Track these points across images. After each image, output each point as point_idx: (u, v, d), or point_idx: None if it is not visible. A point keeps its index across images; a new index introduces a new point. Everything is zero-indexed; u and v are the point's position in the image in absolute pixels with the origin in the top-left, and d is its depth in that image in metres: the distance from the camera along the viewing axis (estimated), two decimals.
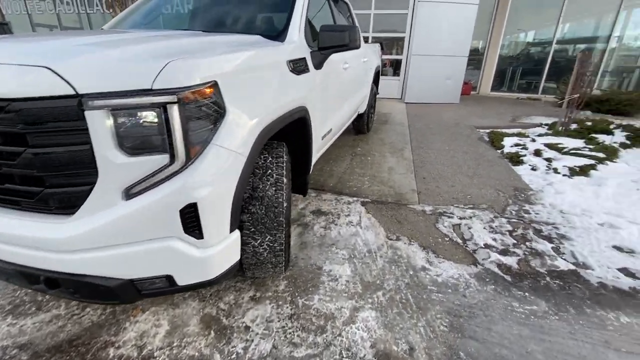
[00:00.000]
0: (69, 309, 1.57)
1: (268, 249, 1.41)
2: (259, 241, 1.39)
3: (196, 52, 1.15)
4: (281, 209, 1.38)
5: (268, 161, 1.44)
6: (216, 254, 1.15)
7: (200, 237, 1.09)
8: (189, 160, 1.02)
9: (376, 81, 4.83)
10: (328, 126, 2.36)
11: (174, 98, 0.94)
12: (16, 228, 1.03)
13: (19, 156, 0.95)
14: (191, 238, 1.08)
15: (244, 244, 1.40)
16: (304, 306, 1.57)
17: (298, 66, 1.68)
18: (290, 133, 1.78)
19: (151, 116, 0.95)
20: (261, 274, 1.56)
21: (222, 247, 1.17)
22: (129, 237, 1.03)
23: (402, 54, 7.88)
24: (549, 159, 3.68)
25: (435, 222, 2.39)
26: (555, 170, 3.37)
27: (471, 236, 2.22)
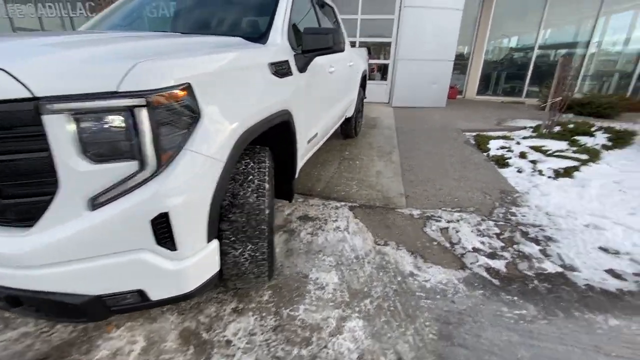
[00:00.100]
0: (37, 326, 1.46)
1: (250, 258, 1.35)
2: (239, 251, 1.32)
3: (170, 54, 1.09)
4: (263, 217, 1.33)
5: (249, 167, 1.39)
6: (192, 266, 1.08)
7: (174, 248, 1.02)
8: (160, 167, 0.95)
9: (363, 85, 4.83)
10: (314, 130, 2.32)
11: (142, 101, 0.88)
12: None
13: None
14: (164, 250, 1.01)
15: (223, 253, 1.33)
16: (289, 317, 1.51)
17: (281, 69, 1.64)
18: (274, 137, 1.74)
19: (117, 120, 0.88)
20: (243, 285, 1.49)
21: (198, 258, 1.10)
22: (95, 250, 0.95)
23: (389, 58, 7.94)
24: (534, 161, 3.72)
25: (423, 226, 2.36)
26: (540, 173, 3.41)
27: (459, 240, 2.20)
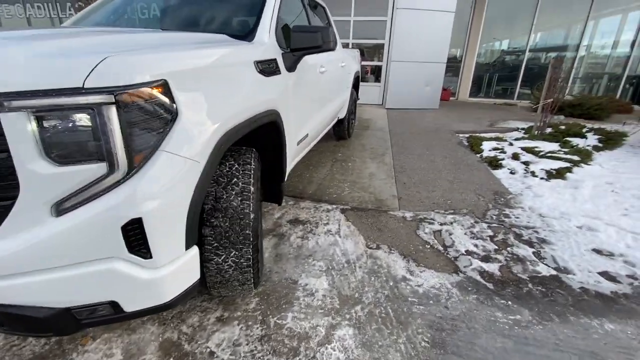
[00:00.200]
0: (7, 339, 1.38)
1: (234, 265, 1.28)
2: (222, 257, 1.26)
3: (146, 49, 1.03)
4: (247, 221, 1.26)
5: (234, 169, 1.33)
6: (169, 274, 1.02)
7: (148, 256, 0.95)
8: (132, 169, 0.89)
9: (356, 87, 4.79)
10: (304, 131, 2.26)
11: (110, 98, 0.82)
12: None
13: None
14: (137, 258, 0.94)
15: (206, 260, 1.26)
16: (276, 326, 1.44)
17: (267, 67, 1.58)
18: (261, 138, 1.68)
19: (83, 119, 0.82)
20: (228, 293, 1.42)
21: (176, 266, 1.04)
22: (61, 260, 0.88)
23: (382, 60, 7.94)
24: (526, 163, 3.71)
25: (416, 229, 2.32)
26: (533, 174, 3.40)
27: (452, 243, 2.16)
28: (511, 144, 4.49)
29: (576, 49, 8.97)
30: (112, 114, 0.83)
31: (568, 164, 3.60)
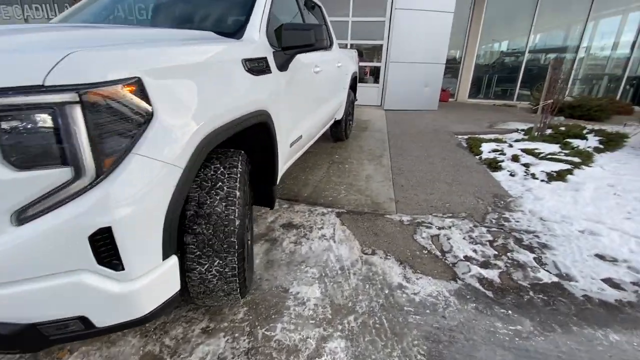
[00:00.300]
0: None
1: (218, 275, 1.21)
2: (206, 266, 1.19)
3: (121, 44, 0.96)
4: (232, 228, 1.19)
5: (219, 172, 1.26)
6: (144, 287, 0.94)
7: (120, 268, 0.88)
8: (101, 174, 0.82)
9: (354, 87, 4.73)
10: (297, 133, 2.20)
11: (74, 97, 0.75)
12: None
13: None
14: (108, 270, 0.87)
15: (189, 269, 1.19)
16: (264, 338, 1.37)
17: (257, 66, 1.51)
18: (250, 139, 1.61)
19: (46, 120, 0.75)
20: (213, 303, 1.35)
21: (152, 278, 0.96)
22: (23, 272, 0.81)
23: (381, 61, 7.88)
24: (526, 165, 3.65)
25: (413, 233, 2.25)
26: (533, 176, 3.33)
27: (450, 248, 2.09)
28: (511, 146, 4.42)
29: (576, 50, 8.93)
30: (77, 114, 0.76)
31: (569, 166, 3.54)
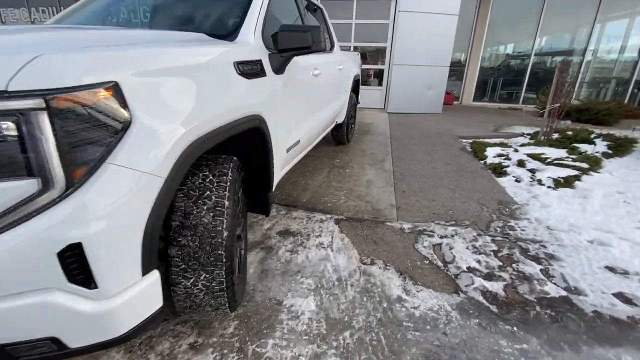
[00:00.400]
0: None
1: (204, 289, 1.15)
2: (191, 280, 1.12)
3: (99, 46, 0.90)
4: (220, 240, 1.13)
5: (207, 181, 1.19)
6: (121, 305, 0.88)
7: (93, 286, 0.82)
8: (71, 186, 0.76)
9: (356, 90, 4.67)
10: (295, 137, 2.13)
11: (40, 103, 0.69)
12: None
13: None
14: (79, 288, 0.81)
15: (173, 283, 1.13)
16: (255, 355, 1.30)
17: (250, 69, 1.45)
18: (244, 145, 1.55)
19: (9, 127, 0.69)
20: (201, 317, 1.29)
21: (130, 295, 0.90)
22: None
23: (384, 64, 7.82)
24: (532, 170, 3.55)
25: (414, 242, 2.17)
26: (540, 182, 3.23)
27: (453, 258, 2.00)
28: (516, 150, 4.32)
29: (583, 53, 8.80)
30: (44, 121, 0.70)
31: (576, 172, 3.43)
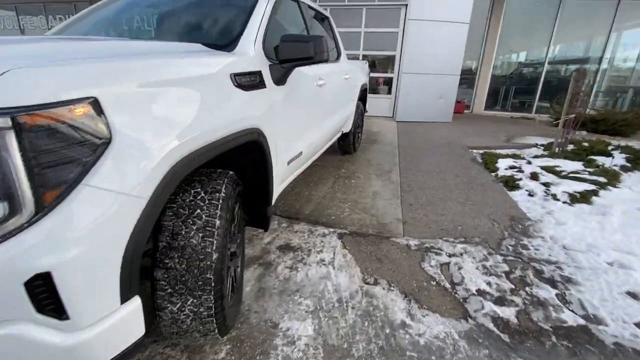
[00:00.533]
0: None
1: (191, 315, 1.08)
2: (178, 305, 1.06)
3: (80, 59, 0.86)
4: (209, 263, 1.06)
5: (198, 198, 1.13)
6: (97, 336, 0.81)
7: (64, 317, 0.76)
8: (41, 210, 0.70)
9: (363, 99, 4.61)
10: (297, 149, 2.07)
11: (5, 121, 0.64)
12: None
13: None
14: (50, 320, 0.75)
15: (159, 308, 1.07)
16: None
17: (249, 81, 1.40)
18: (241, 159, 1.50)
19: None
20: (190, 343, 1.22)
21: (108, 325, 0.84)
22: None
23: (393, 72, 7.75)
24: (546, 184, 3.40)
25: (421, 261, 2.06)
26: (554, 197, 3.09)
27: (461, 279, 1.89)
28: (529, 162, 4.17)
29: (598, 61, 8.58)
30: (10, 140, 0.65)
31: (593, 186, 3.27)
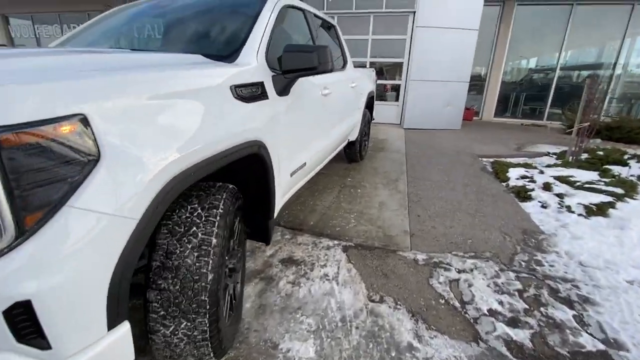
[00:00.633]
0: None
1: (185, 339, 1.03)
2: (171, 329, 1.01)
3: (70, 74, 0.82)
4: (203, 284, 1.01)
5: (195, 214, 1.09)
6: None
7: (46, 346, 0.71)
8: (22, 235, 0.66)
9: (370, 107, 4.56)
10: (300, 160, 2.02)
11: None
12: None
13: None
14: (31, 349, 0.70)
15: (151, 331, 1.02)
16: None
17: (250, 92, 1.36)
18: (242, 172, 1.45)
19: None
20: None
21: (94, 353, 0.79)
22: None
23: (401, 79, 7.70)
24: (560, 195, 3.28)
25: (429, 277, 1.98)
26: (569, 209, 2.97)
27: (472, 297, 1.81)
28: (542, 172, 4.05)
29: (612, 67, 8.39)
30: None
31: (610, 198, 3.14)
